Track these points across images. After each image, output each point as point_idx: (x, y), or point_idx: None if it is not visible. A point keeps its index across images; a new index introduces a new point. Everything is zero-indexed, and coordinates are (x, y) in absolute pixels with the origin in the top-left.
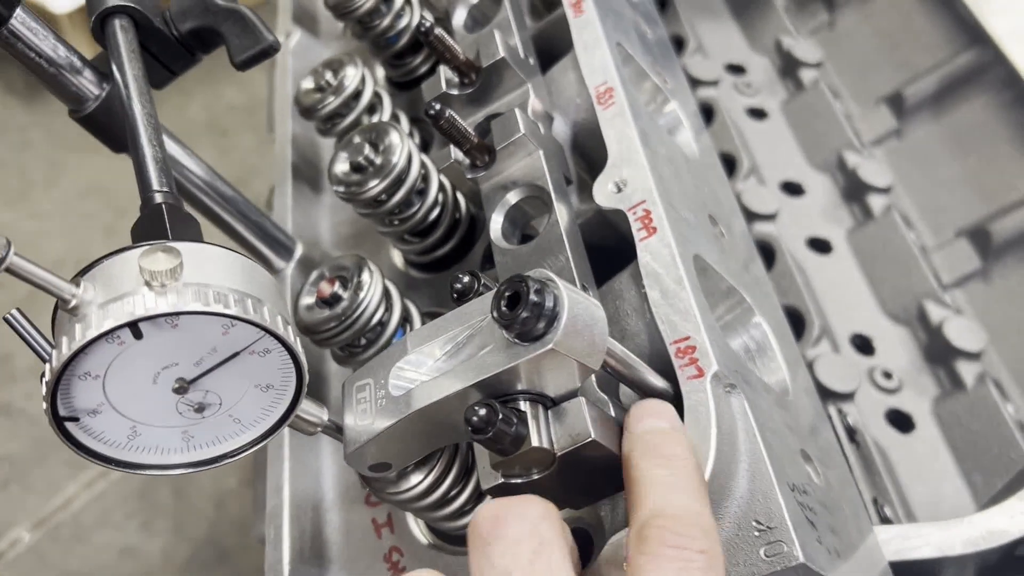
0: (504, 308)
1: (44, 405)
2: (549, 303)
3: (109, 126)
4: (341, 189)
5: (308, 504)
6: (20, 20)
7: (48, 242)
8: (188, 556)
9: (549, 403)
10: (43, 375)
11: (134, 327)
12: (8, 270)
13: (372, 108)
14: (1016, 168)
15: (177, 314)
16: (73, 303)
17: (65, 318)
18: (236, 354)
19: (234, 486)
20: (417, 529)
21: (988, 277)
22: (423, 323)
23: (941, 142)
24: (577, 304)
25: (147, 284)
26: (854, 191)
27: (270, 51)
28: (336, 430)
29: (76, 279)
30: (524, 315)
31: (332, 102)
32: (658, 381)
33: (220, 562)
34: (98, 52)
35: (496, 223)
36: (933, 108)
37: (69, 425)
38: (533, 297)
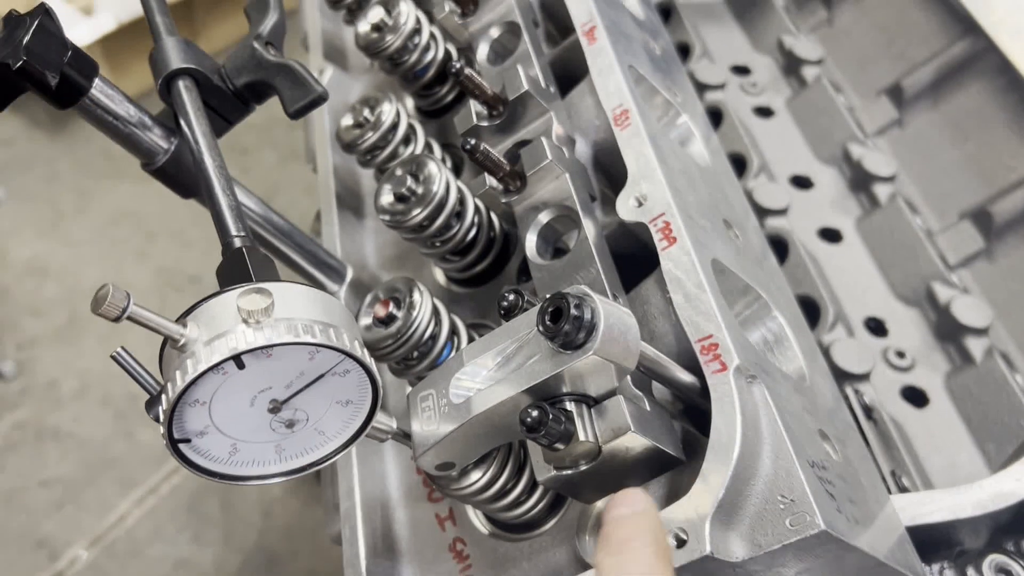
0: (548, 322)
1: (162, 431)
2: (587, 315)
3: (178, 176)
4: (387, 218)
5: (377, 504)
6: (98, 88)
7: (83, 268)
8: (239, 565)
9: (592, 402)
10: (151, 403)
11: (237, 359)
12: (129, 318)
13: (407, 139)
14: (1013, 150)
15: (273, 346)
16: (182, 342)
17: (174, 355)
18: (321, 376)
19: (279, 495)
20: (477, 520)
21: (992, 256)
22: (469, 335)
23: (941, 129)
24: (612, 315)
25: (244, 321)
26: (860, 181)
27: (319, 100)
28: (404, 436)
29: (182, 320)
30: (566, 327)
31: (371, 137)
32: (686, 377)
33: (270, 568)
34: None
35: (531, 242)
36: (931, 97)
37: (182, 446)
38: (573, 311)
